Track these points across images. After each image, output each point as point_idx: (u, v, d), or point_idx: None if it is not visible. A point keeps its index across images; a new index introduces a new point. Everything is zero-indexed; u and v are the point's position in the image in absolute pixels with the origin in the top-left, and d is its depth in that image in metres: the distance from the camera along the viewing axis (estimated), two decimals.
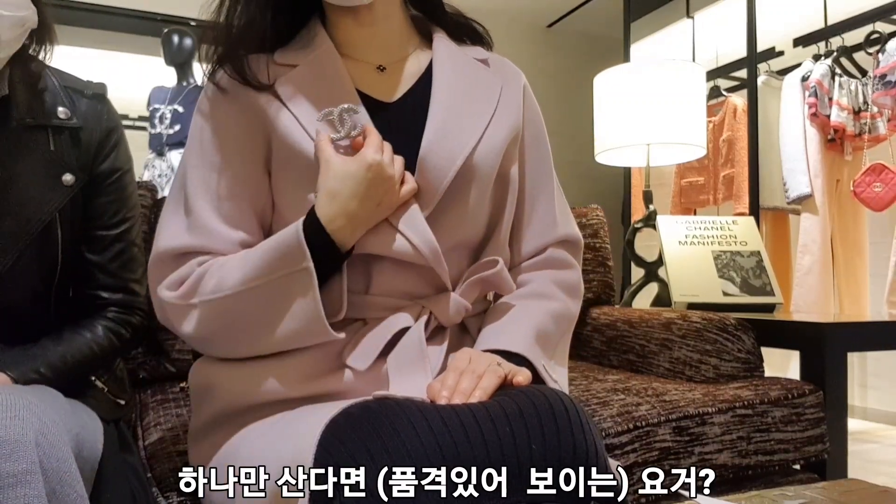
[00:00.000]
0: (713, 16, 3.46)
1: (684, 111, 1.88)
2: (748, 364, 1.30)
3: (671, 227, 1.79)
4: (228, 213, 0.74)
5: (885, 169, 2.47)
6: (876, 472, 2.15)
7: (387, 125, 0.75)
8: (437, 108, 0.77)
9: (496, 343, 0.73)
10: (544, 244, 0.87)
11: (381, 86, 0.80)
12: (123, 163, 0.86)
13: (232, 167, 0.75)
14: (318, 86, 0.76)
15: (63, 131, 0.79)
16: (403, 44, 0.83)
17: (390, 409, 0.57)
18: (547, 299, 0.82)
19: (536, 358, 0.74)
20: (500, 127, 0.80)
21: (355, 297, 0.75)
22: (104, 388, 0.84)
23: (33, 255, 0.77)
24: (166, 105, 3.04)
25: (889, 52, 2.45)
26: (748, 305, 1.64)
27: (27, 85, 0.78)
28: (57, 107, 0.79)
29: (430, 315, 0.75)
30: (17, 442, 0.53)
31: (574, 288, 0.87)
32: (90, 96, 0.83)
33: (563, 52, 4.86)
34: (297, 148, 0.73)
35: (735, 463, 1.13)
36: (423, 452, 0.52)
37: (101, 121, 0.83)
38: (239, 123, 0.76)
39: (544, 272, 0.86)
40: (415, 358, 0.70)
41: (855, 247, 2.79)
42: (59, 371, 0.76)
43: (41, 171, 0.77)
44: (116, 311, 0.85)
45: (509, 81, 0.85)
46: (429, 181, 0.74)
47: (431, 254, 0.73)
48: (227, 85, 0.76)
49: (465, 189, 0.76)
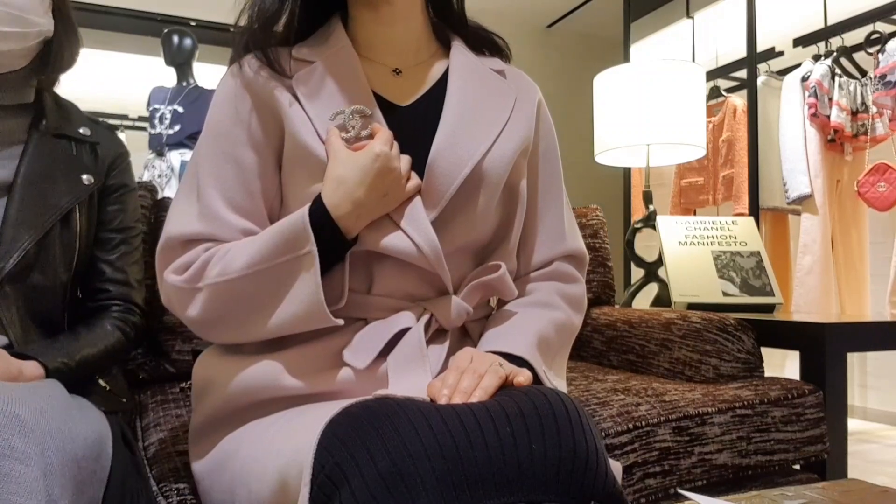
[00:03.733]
0: (713, 16, 3.46)
1: (684, 111, 1.88)
2: (748, 364, 1.30)
3: (671, 227, 1.79)
4: (239, 202, 0.75)
5: (888, 168, 2.47)
6: (876, 473, 2.15)
7: (399, 128, 0.76)
8: (449, 114, 0.78)
9: (498, 345, 0.74)
10: (551, 257, 0.88)
11: (396, 89, 0.81)
12: (129, 182, 0.98)
13: (245, 158, 0.76)
14: (333, 85, 0.77)
15: (84, 144, 0.92)
16: (422, 48, 0.84)
17: (391, 408, 0.56)
18: (551, 309, 0.83)
19: (538, 363, 0.74)
20: (512, 137, 0.81)
21: (357, 297, 0.75)
22: (106, 387, 0.87)
23: (55, 239, 0.84)
24: (166, 105, 3.04)
25: (889, 52, 2.45)
26: (748, 306, 1.64)
27: (56, 102, 0.91)
28: (80, 126, 0.92)
29: (432, 317, 0.75)
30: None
31: (578, 302, 0.88)
32: (105, 127, 0.98)
33: (562, 52, 4.87)
34: (306, 145, 0.74)
35: (735, 463, 1.13)
36: (423, 452, 0.52)
37: (114, 145, 0.97)
38: (254, 115, 0.77)
39: (550, 283, 0.87)
40: (415, 358, 0.71)
41: (855, 247, 2.79)
42: (79, 363, 0.81)
43: (66, 170, 0.88)
44: (119, 309, 0.92)
45: (524, 94, 0.86)
46: (436, 185, 0.74)
47: (433, 255, 0.73)
48: (248, 76, 0.78)
49: (473, 195, 0.77)
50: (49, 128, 0.88)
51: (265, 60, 0.78)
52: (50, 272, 0.84)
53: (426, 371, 0.69)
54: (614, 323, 1.56)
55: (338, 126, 0.74)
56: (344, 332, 0.74)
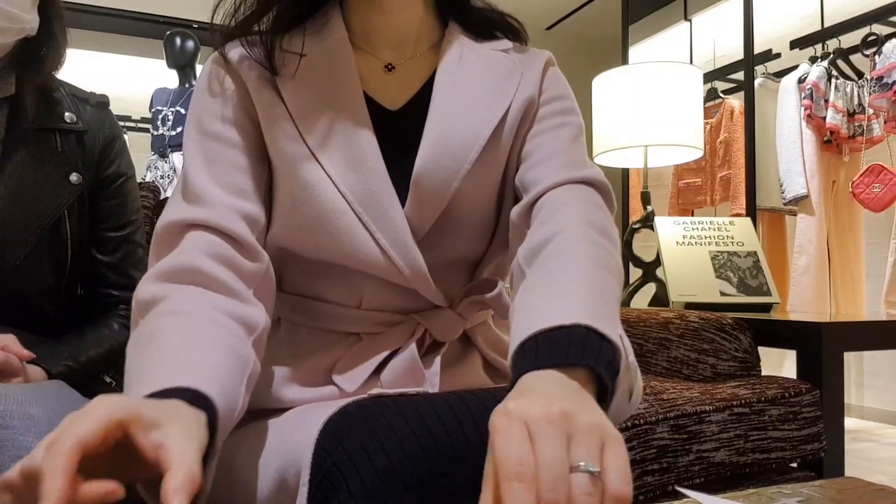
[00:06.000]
0: (710, 18, 3.48)
1: (682, 113, 1.89)
2: (745, 363, 1.31)
3: (669, 227, 1.80)
4: (228, 180, 0.68)
5: (883, 170, 2.48)
6: (872, 471, 2.16)
7: (389, 136, 0.71)
8: (432, 123, 0.71)
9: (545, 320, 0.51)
10: (565, 179, 0.69)
11: (387, 89, 0.76)
12: (126, 169, 0.91)
13: (232, 136, 0.70)
14: (321, 83, 0.72)
15: (69, 134, 0.84)
16: (422, 38, 0.78)
17: (387, 407, 0.56)
18: (587, 244, 0.61)
19: (605, 324, 0.50)
20: (512, 120, 0.74)
21: (349, 311, 0.72)
22: (112, 383, 0.87)
23: (44, 250, 0.81)
24: (168, 107, 3.05)
25: (886, 53, 2.47)
26: (745, 305, 1.65)
27: (36, 90, 0.83)
28: (64, 112, 0.84)
29: (426, 331, 0.72)
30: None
31: (609, 234, 0.66)
32: (94, 104, 0.89)
33: (561, 54, 4.83)
34: (286, 155, 0.69)
35: (732, 461, 1.14)
36: (420, 452, 0.52)
37: (104, 127, 0.88)
38: (240, 99, 0.71)
39: (570, 206, 0.66)
40: (409, 374, 0.68)
41: (851, 247, 2.81)
42: (84, 364, 0.80)
43: (50, 170, 0.81)
44: (127, 308, 0.88)
45: (530, 66, 0.78)
46: (422, 203, 0.70)
47: (416, 277, 0.69)
48: (234, 62, 0.72)
49: (469, 204, 0.72)
50: (31, 123, 0.81)
51: (251, 51, 0.71)
52: (36, 282, 0.81)
53: (423, 388, 0.68)
54: None
55: None
56: (337, 348, 0.72)
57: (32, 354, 0.74)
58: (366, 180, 0.68)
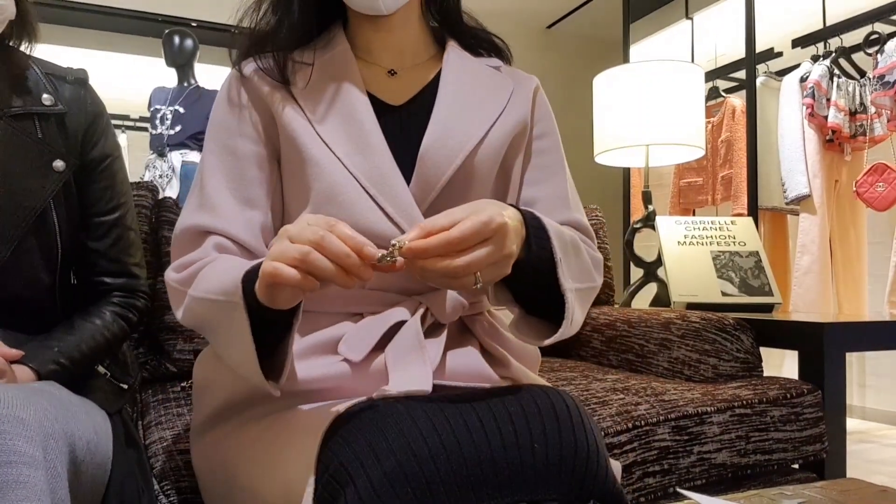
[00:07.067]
0: (712, 17, 3.47)
1: (683, 112, 1.89)
2: (747, 364, 1.30)
3: (670, 227, 1.79)
4: (241, 193, 0.77)
5: (887, 168, 2.47)
6: (874, 472, 2.15)
7: (392, 126, 0.77)
8: (441, 107, 0.79)
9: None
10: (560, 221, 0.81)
11: (390, 89, 0.82)
12: (112, 149, 0.87)
13: (242, 148, 0.78)
14: (328, 83, 0.79)
15: (49, 118, 0.80)
16: (419, 51, 0.86)
17: (394, 409, 0.57)
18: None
19: (555, 242, 0.67)
20: (507, 122, 0.81)
21: (352, 290, 0.75)
22: (106, 374, 0.84)
23: (31, 244, 0.77)
24: (167, 106, 3.05)
25: (888, 52, 2.46)
26: (747, 305, 1.65)
27: (10, 75, 0.79)
28: (41, 94, 0.80)
29: (427, 310, 0.75)
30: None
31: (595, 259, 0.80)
32: (72, 81, 0.84)
33: (562, 53, 4.87)
34: (300, 143, 0.76)
35: (734, 462, 1.13)
36: (427, 453, 0.52)
37: (86, 106, 0.84)
38: (255, 110, 0.79)
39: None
40: (413, 350, 0.70)
41: (853, 247, 2.80)
42: (76, 360, 0.77)
43: (32, 160, 0.77)
44: (121, 295, 0.87)
45: (521, 85, 0.87)
46: (427, 178, 0.75)
47: None
48: (250, 75, 0.80)
49: (465, 187, 0.77)
50: (6, 110, 0.77)
51: (265, 65, 0.80)
52: (30, 279, 0.78)
53: (425, 364, 0.69)
54: (614, 322, 1.57)
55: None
56: (340, 326, 0.74)
57: (20, 353, 0.72)
58: (372, 160, 0.74)
